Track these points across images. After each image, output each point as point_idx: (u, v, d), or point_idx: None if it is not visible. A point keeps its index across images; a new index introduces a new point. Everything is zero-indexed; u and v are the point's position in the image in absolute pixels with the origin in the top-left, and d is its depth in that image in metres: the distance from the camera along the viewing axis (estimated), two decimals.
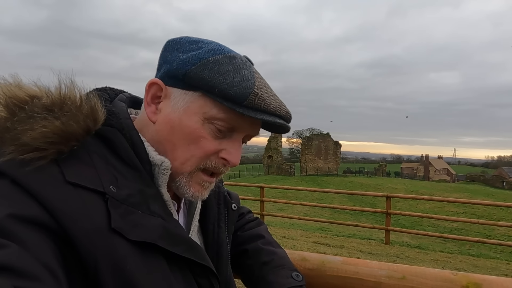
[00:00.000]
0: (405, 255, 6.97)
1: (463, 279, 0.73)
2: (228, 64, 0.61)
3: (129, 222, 0.53)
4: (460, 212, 21.46)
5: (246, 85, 0.59)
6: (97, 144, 0.58)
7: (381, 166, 60.16)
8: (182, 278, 0.59)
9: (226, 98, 0.59)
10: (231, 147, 0.64)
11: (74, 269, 0.48)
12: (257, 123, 0.66)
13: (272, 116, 0.62)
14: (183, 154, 0.63)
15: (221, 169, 0.66)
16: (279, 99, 0.65)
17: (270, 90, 0.65)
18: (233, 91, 0.58)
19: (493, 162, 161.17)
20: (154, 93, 0.65)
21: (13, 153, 0.50)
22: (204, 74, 0.59)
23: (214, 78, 0.59)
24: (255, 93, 0.60)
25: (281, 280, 0.75)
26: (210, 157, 0.64)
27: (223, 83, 0.59)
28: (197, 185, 0.66)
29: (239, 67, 0.62)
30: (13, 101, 0.53)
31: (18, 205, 0.46)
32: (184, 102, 0.62)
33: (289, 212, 15.51)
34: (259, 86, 0.61)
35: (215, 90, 0.59)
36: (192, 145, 0.62)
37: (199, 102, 0.61)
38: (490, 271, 6.13)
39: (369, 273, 0.81)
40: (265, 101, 0.60)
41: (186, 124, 0.62)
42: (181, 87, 0.62)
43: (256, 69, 0.67)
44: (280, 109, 0.63)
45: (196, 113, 0.61)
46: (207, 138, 0.62)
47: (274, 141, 49.63)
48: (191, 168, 0.64)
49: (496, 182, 58.57)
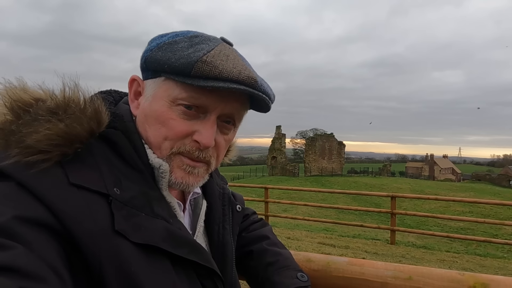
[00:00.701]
0: (411, 255, 6.92)
1: (470, 279, 0.73)
2: (184, 42, 0.60)
3: (132, 224, 0.53)
4: (466, 212, 21.28)
5: (194, 55, 0.58)
6: (101, 146, 0.58)
7: (386, 166, 59.84)
8: (186, 279, 0.59)
9: (176, 72, 0.58)
10: (202, 127, 0.62)
11: (79, 270, 0.48)
12: (230, 98, 0.62)
13: (227, 82, 0.57)
14: (155, 138, 0.62)
15: (195, 153, 0.62)
16: (245, 66, 0.60)
17: (233, 59, 0.60)
18: (179, 63, 0.57)
19: (499, 161, 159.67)
20: (135, 89, 0.67)
21: (18, 156, 0.50)
22: (158, 55, 0.60)
23: (165, 56, 0.59)
24: (203, 60, 0.56)
25: (286, 280, 0.75)
26: (184, 140, 0.62)
27: (171, 57, 0.58)
28: (178, 169, 0.63)
29: (197, 42, 0.60)
30: (18, 104, 0.54)
31: (24, 207, 0.46)
32: (152, 89, 0.63)
33: (294, 212, 15.48)
34: (213, 54, 0.58)
35: (165, 67, 0.59)
36: (162, 128, 0.62)
37: (164, 87, 0.62)
38: (498, 271, 6.07)
39: (375, 274, 0.80)
40: (216, 67, 0.56)
41: (155, 109, 0.62)
42: (150, 77, 0.64)
43: (236, 50, 0.64)
44: (238, 73, 0.58)
45: (162, 97, 0.62)
46: (176, 119, 0.61)
47: (278, 142, 49.61)
48: (167, 152, 0.62)
49: (502, 181, 58.03)
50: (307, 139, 53.40)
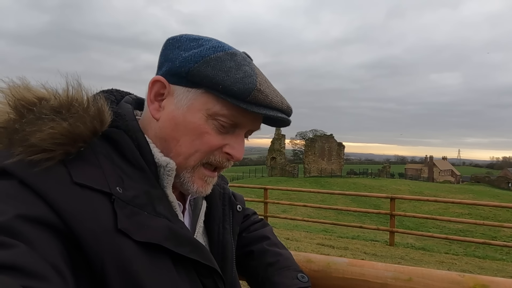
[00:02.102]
0: (409, 256, 6.93)
1: (471, 281, 0.73)
2: (229, 61, 0.62)
3: (135, 223, 0.53)
4: (465, 214, 21.31)
5: (249, 81, 0.61)
6: (104, 146, 0.59)
7: (385, 167, 59.92)
8: (187, 278, 0.59)
9: (230, 94, 0.60)
10: (234, 142, 0.66)
11: (81, 269, 0.48)
12: (259, 118, 0.67)
13: (275, 110, 0.64)
14: (187, 150, 0.64)
15: (224, 164, 0.68)
16: (280, 94, 0.67)
17: (271, 86, 0.66)
18: (237, 88, 0.60)
19: (498, 163, 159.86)
20: (157, 90, 0.66)
21: (22, 154, 0.50)
22: (207, 71, 0.60)
23: (217, 75, 0.60)
24: (258, 89, 0.61)
25: (286, 281, 0.75)
26: (214, 152, 0.65)
27: (226, 80, 0.60)
28: (200, 180, 0.67)
29: (240, 63, 0.63)
30: (21, 103, 0.54)
31: (26, 205, 0.46)
32: (187, 99, 0.63)
33: (293, 213, 15.49)
34: (261, 82, 0.62)
35: (218, 87, 0.60)
36: (196, 141, 0.63)
37: (203, 99, 0.62)
38: (496, 273, 6.07)
39: (375, 275, 0.80)
40: (267, 97, 0.62)
41: (190, 121, 0.63)
42: (184, 85, 0.63)
43: (256, 65, 0.69)
44: (281, 103, 0.65)
45: (200, 109, 0.62)
46: (211, 133, 0.63)
47: (277, 143, 49.63)
48: (195, 163, 0.65)
49: (501, 183, 58.15)
50: (306, 140, 53.46)
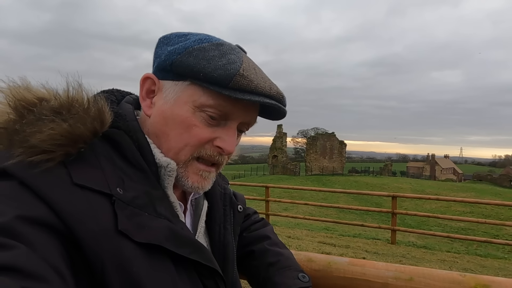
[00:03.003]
0: (411, 255, 6.92)
1: (472, 281, 0.73)
2: (214, 50, 0.61)
3: (135, 224, 0.53)
4: (467, 212, 21.26)
5: (231, 67, 0.59)
6: (104, 146, 0.59)
7: (387, 165, 59.76)
8: (188, 279, 0.59)
9: (212, 82, 0.59)
10: (225, 134, 0.64)
11: (81, 270, 0.48)
12: (250, 108, 0.65)
13: (261, 96, 0.60)
14: (177, 144, 0.63)
15: (216, 158, 0.65)
16: (270, 80, 0.64)
17: (260, 72, 0.63)
18: (217, 74, 0.58)
19: (501, 161, 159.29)
20: (148, 87, 0.66)
21: (22, 155, 0.50)
22: (189, 61, 0.60)
23: (199, 63, 0.59)
24: (241, 74, 0.59)
25: (287, 281, 0.75)
26: (205, 146, 0.64)
27: (207, 67, 0.59)
28: (194, 175, 0.65)
29: (225, 52, 0.61)
30: (22, 103, 0.54)
31: (26, 206, 0.46)
32: (174, 92, 0.63)
33: (294, 211, 15.48)
34: (245, 68, 0.60)
35: (200, 75, 0.59)
36: (185, 134, 0.62)
37: (189, 91, 0.62)
38: (498, 272, 6.06)
39: (376, 274, 0.80)
40: (252, 82, 0.59)
41: (177, 114, 0.62)
42: (171, 79, 0.63)
43: (249, 57, 0.66)
44: (270, 89, 0.61)
45: (186, 102, 0.62)
46: (199, 126, 0.62)
47: (279, 141, 49.59)
48: (186, 157, 0.63)
49: (503, 181, 57.92)
50: (308, 138, 53.38)
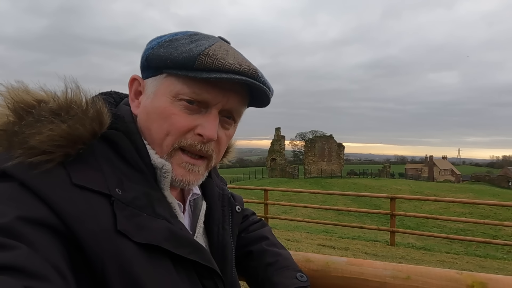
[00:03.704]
0: (410, 256, 6.92)
1: (469, 279, 0.73)
2: (185, 39, 0.62)
3: (134, 225, 0.54)
4: (465, 213, 21.27)
5: (196, 49, 0.59)
6: (103, 148, 0.59)
7: (385, 167, 59.80)
8: (187, 280, 0.59)
9: (179, 66, 0.59)
10: (205, 121, 0.62)
11: (82, 270, 0.49)
12: (230, 93, 0.63)
13: (230, 73, 0.58)
14: (158, 135, 0.63)
15: (198, 147, 0.63)
16: (246, 59, 0.63)
17: (233, 53, 0.62)
18: (182, 57, 0.59)
19: (498, 162, 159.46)
20: (136, 88, 0.68)
21: (22, 157, 0.51)
22: (159, 52, 0.62)
23: (167, 51, 0.61)
24: (205, 54, 0.58)
25: (285, 281, 0.75)
26: (186, 135, 0.63)
27: (174, 53, 0.60)
28: (178, 167, 0.64)
29: (197, 39, 0.62)
30: (20, 105, 0.55)
31: (27, 207, 0.47)
32: (153, 87, 0.64)
33: (293, 214, 15.46)
34: (214, 48, 0.59)
35: (167, 61, 0.60)
36: (164, 124, 0.62)
37: (166, 83, 0.63)
38: (497, 272, 6.06)
39: (374, 274, 0.81)
40: (218, 60, 0.58)
41: (157, 106, 0.63)
42: (151, 75, 0.65)
43: (230, 46, 0.65)
44: (240, 65, 0.59)
45: (164, 93, 0.62)
46: (178, 114, 0.62)
47: (277, 144, 49.59)
48: (168, 148, 0.63)
49: (501, 182, 58.06)
50: (306, 140, 53.37)
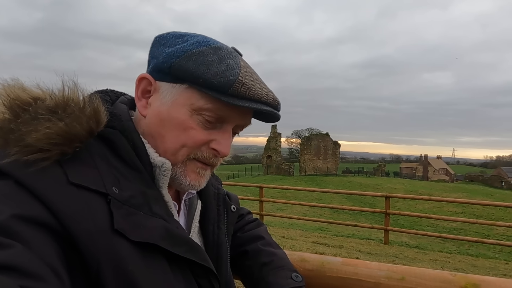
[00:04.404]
0: (404, 255, 6.98)
1: (462, 280, 0.74)
2: (212, 55, 0.62)
3: (131, 223, 0.53)
4: (459, 212, 21.50)
5: (230, 74, 0.60)
6: (100, 146, 0.59)
7: (380, 166, 60.15)
8: (183, 278, 0.59)
9: (211, 87, 0.59)
10: (221, 137, 0.64)
11: (77, 269, 0.48)
12: (246, 112, 0.66)
13: (259, 103, 0.62)
14: (173, 145, 0.63)
15: (211, 160, 0.66)
16: (267, 87, 0.65)
17: (257, 78, 0.64)
18: (217, 80, 0.59)
19: (492, 162, 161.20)
20: (144, 87, 0.66)
21: (18, 154, 0.50)
22: (188, 65, 0.60)
23: (198, 69, 0.60)
24: (240, 81, 0.59)
25: (280, 281, 0.75)
26: (201, 148, 0.64)
27: (207, 73, 0.59)
28: (192, 173, 0.66)
29: (224, 57, 0.62)
30: (16, 103, 0.54)
31: (22, 205, 0.46)
32: (172, 95, 0.63)
33: (288, 212, 15.52)
34: (244, 74, 0.61)
35: (199, 80, 0.60)
36: (182, 136, 0.63)
37: (186, 94, 0.62)
38: (489, 271, 6.14)
39: (369, 274, 0.81)
40: (250, 89, 0.60)
41: (175, 116, 0.62)
42: (168, 81, 0.63)
43: (245, 61, 0.67)
44: (267, 96, 0.63)
45: (184, 105, 0.62)
46: (196, 128, 0.62)
47: (273, 141, 49.65)
48: (183, 158, 0.64)
49: (495, 182, 58.62)
50: (302, 138, 53.50)
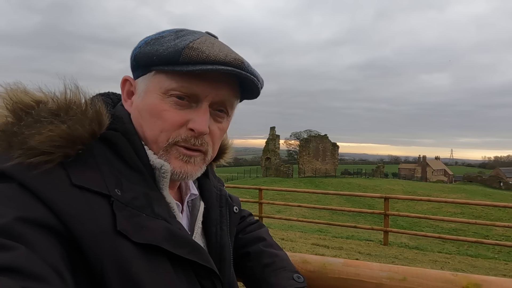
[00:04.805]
0: (403, 256, 6.98)
1: (463, 280, 0.74)
2: (170, 36, 0.63)
3: (134, 225, 0.54)
4: (458, 213, 21.54)
5: (180, 43, 0.60)
6: (102, 148, 0.59)
7: (379, 167, 60.20)
8: (186, 280, 0.59)
9: (164, 61, 0.60)
10: (196, 115, 0.63)
11: (81, 271, 0.49)
12: (220, 85, 0.63)
13: (215, 64, 0.59)
14: (152, 132, 0.63)
15: (192, 141, 0.63)
16: (233, 51, 0.63)
17: (219, 45, 0.62)
18: (168, 52, 0.59)
19: (490, 163, 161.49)
20: (128, 89, 0.68)
21: (21, 157, 0.50)
22: (146, 49, 0.62)
23: (153, 48, 0.61)
24: (189, 47, 0.59)
25: (282, 282, 0.75)
26: (179, 130, 0.63)
27: (159, 49, 0.60)
28: (175, 160, 0.64)
29: (183, 35, 0.62)
30: (19, 106, 0.54)
31: (26, 208, 0.46)
32: (143, 85, 0.65)
33: (288, 214, 15.50)
34: (199, 42, 0.60)
35: (153, 58, 0.61)
36: (157, 121, 0.62)
37: (155, 80, 0.63)
38: (489, 271, 6.14)
39: (370, 275, 0.81)
40: (202, 52, 0.59)
41: (148, 103, 0.63)
42: (141, 74, 0.65)
43: (218, 40, 0.65)
44: (225, 56, 0.59)
45: (154, 90, 0.63)
46: (170, 110, 0.62)
47: (272, 143, 49.66)
48: (163, 144, 0.63)
49: (493, 182, 58.76)
50: (301, 140, 53.50)
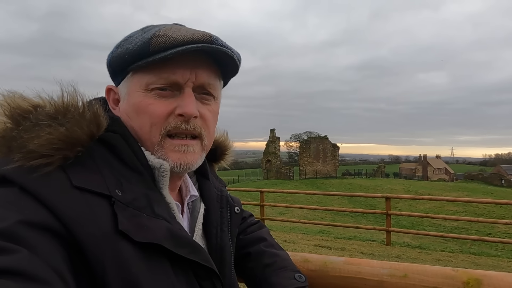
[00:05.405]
0: (406, 255, 6.96)
1: (464, 275, 0.74)
2: (138, 33, 0.64)
3: (135, 224, 0.54)
4: (460, 211, 21.48)
5: (147, 35, 0.61)
6: (101, 150, 0.59)
7: (380, 167, 60.17)
8: (185, 280, 0.60)
9: (136, 57, 0.61)
10: (181, 100, 0.63)
11: (82, 273, 0.49)
12: (196, 68, 0.64)
13: (184, 45, 0.59)
14: (143, 129, 0.64)
15: (182, 126, 0.64)
16: (201, 30, 0.63)
17: (185, 29, 0.63)
18: (137, 46, 0.61)
19: (491, 160, 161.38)
20: (113, 97, 0.70)
21: (21, 161, 0.51)
22: (118, 52, 0.64)
23: (124, 48, 0.63)
24: (156, 35, 0.60)
25: (284, 281, 0.76)
26: (168, 120, 0.63)
27: (129, 47, 0.62)
28: (171, 152, 0.64)
29: (148, 29, 0.64)
30: (17, 111, 0.55)
31: (27, 211, 0.47)
32: (125, 88, 0.66)
33: (289, 215, 15.47)
34: (165, 29, 0.61)
35: (125, 57, 0.62)
36: (145, 116, 0.63)
37: (134, 80, 0.64)
38: (492, 269, 6.12)
39: (371, 272, 0.82)
40: (170, 37, 0.59)
41: (133, 103, 0.64)
42: (120, 79, 0.67)
43: (185, 26, 0.66)
44: (192, 35, 0.60)
45: (135, 89, 0.64)
46: (154, 103, 0.63)
47: (272, 145, 49.66)
48: (157, 138, 0.63)
49: (494, 180, 58.60)
50: (301, 142, 53.48)
